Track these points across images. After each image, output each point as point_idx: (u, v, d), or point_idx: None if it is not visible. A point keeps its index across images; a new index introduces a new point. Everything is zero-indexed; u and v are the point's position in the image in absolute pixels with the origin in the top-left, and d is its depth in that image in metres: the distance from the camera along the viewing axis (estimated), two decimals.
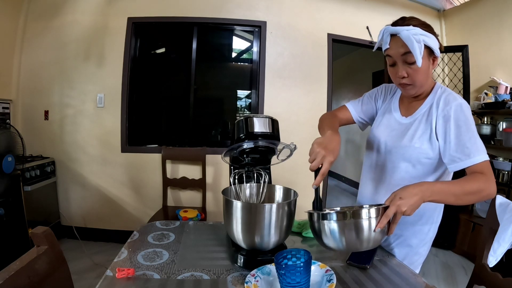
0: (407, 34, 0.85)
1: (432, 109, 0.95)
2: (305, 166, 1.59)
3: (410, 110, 1.02)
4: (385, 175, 1.03)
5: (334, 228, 0.73)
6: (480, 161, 0.85)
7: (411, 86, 0.94)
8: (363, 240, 0.72)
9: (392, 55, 0.92)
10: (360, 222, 0.71)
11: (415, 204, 0.75)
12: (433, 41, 0.88)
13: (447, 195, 0.80)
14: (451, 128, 0.89)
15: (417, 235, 1.01)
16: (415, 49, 0.84)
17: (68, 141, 2.77)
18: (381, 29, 0.92)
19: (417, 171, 0.96)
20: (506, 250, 0.90)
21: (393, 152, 1.00)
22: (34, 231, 0.75)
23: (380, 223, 0.72)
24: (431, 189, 0.78)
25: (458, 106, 0.90)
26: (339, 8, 3.00)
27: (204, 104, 3.01)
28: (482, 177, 0.83)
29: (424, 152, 0.94)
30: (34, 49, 2.76)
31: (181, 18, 2.79)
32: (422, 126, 0.95)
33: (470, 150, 0.86)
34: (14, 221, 2.11)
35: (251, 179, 1.07)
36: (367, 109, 1.15)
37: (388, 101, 1.11)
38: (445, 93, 0.95)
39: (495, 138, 2.68)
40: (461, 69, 2.93)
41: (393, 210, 0.73)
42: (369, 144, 1.12)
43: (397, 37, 0.88)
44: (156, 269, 0.83)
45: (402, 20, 0.90)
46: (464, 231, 2.75)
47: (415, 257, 1.03)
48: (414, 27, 0.86)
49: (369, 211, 0.72)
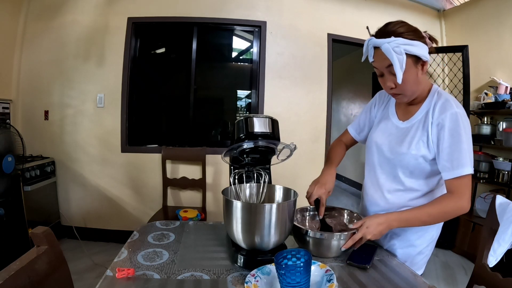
0: (387, 47, 0.84)
1: (428, 115, 0.95)
2: (305, 166, 1.64)
3: (407, 114, 1.02)
4: (386, 180, 1.05)
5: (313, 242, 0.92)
6: (462, 174, 0.87)
7: (402, 95, 0.95)
8: (332, 251, 0.92)
9: (377, 67, 0.93)
10: (331, 242, 0.91)
11: (379, 233, 0.89)
12: (419, 48, 0.86)
13: (414, 222, 0.91)
14: (445, 137, 0.90)
15: (420, 235, 1.02)
16: (395, 63, 0.84)
17: (68, 141, 2.77)
18: (366, 40, 0.92)
19: (416, 177, 0.98)
20: (506, 250, 0.90)
21: (392, 158, 1.01)
22: (34, 231, 0.75)
23: (346, 245, 0.89)
24: (398, 218, 0.89)
25: (453, 115, 0.89)
26: (339, 8, 3.00)
27: (204, 104, 3.01)
28: (451, 199, 0.89)
29: (422, 157, 0.94)
30: (34, 49, 2.76)
31: (181, 18, 2.79)
32: (419, 132, 0.95)
33: (457, 163, 0.88)
34: (14, 221, 2.11)
35: (251, 179, 1.07)
36: (365, 122, 1.18)
37: (385, 107, 1.11)
38: (441, 99, 0.93)
39: (495, 138, 2.68)
40: (461, 69, 2.93)
41: (359, 236, 0.88)
42: (368, 149, 1.12)
43: (380, 50, 0.87)
44: (156, 269, 0.83)
45: (385, 27, 0.89)
46: (464, 231, 2.75)
47: (419, 257, 1.04)
48: (397, 37, 0.85)
49: (340, 235, 0.90)
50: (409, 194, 1.00)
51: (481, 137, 2.78)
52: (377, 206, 1.07)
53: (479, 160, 2.84)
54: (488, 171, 2.78)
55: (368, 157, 1.12)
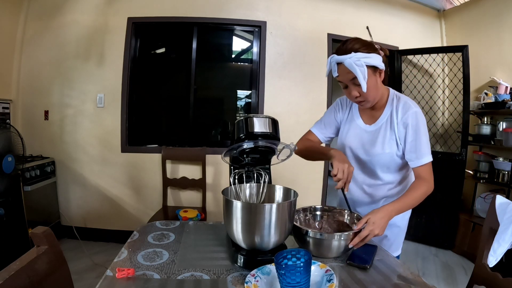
0: (349, 62, 0.97)
1: (392, 117, 1.10)
2: (305, 166, 1.64)
3: (372, 118, 1.15)
4: (365, 178, 1.18)
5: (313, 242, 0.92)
6: (426, 162, 1.05)
7: (365, 102, 1.07)
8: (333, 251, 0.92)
9: (342, 80, 1.05)
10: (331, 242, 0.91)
11: (384, 225, 0.95)
12: (375, 59, 1.00)
13: (404, 208, 1.01)
14: (409, 133, 1.06)
15: (402, 216, 1.15)
16: (359, 75, 0.97)
17: (68, 141, 2.77)
18: (328, 58, 1.05)
19: (392, 171, 1.14)
20: (506, 250, 0.90)
21: (369, 159, 1.14)
22: (34, 231, 0.75)
23: (353, 242, 0.91)
24: (393, 208, 0.98)
25: (414, 114, 1.05)
26: (339, 8, 3.00)
27: (204, 104, 3.01)
28: (423, 183, 1.04)
29: (395, 153, 1.10)
30: (34, 49, 2.76)
31: (181, 18, 2.79)
32: (388, 133, 1.10)
33: (421, 153, 1.05)
34: (14, 221, 2.11)
35: (251, 179, 1.07)
36: (330, 126, 1.28)
37: (349, 111, 1.23)
38: (401, 102, 1.09)
39: (495, 138, 2.68)
40: (461, 69, 2.93)
41: (366, 233, 0.91)
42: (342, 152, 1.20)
43: (343, 65, 1.00)
44: (156, 269, 0.83)
45: (343, 45, 1.01)
46: (464, 231, 2.75)
47: (401, 233, 1.22)
48: (355, 52, 0.98)
49: (340, 236, 0.90)
50: (387, 186, 1.16)
51: (481, 137, 2.78)
52: (360, 201, 1.21)
53: (479, 160, 2.84)
54: (488, 171, 2.78)
55: None
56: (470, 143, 2.89)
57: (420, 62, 3.24)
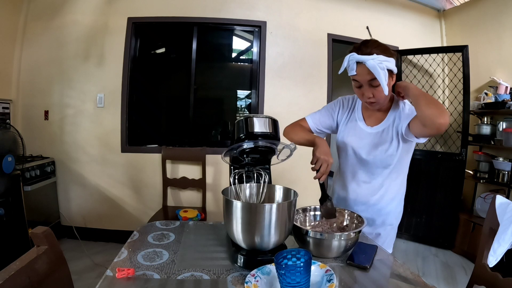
0: (373, 64, 0.97)
1: (396, 119, 1.11)
2: (305, 166, 1.60)
3: (375, 120, 1.17)
4: (366, 175, 1.19)
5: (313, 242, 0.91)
6: None
7: (376, 103, 1.09)
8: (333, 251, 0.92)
9: (359, 80, 1.05)
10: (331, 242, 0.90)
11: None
12: (393, 63, 1.01)
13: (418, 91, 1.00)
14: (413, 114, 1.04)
15: (391, 214, 1.20)
16: (381, 78, 0.97)
17: (68, 141, 2.77)
18: (347, 55, 1.03)
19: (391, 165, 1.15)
20: (506, 250, 0.90)
21: (370, 159, 1.15)
22: (34, 231, 0.75)
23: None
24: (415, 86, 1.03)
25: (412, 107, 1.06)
26: (339, 8, 3.00)
27: (204, 104, 3.01)
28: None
29: (395, 152, 1.11)
30: (34, 49, 2.76)
31: (181, 18, 2.79)
32: (391, 135, 1.11)
33: None
34: (14, 221, 2.11)
35: (251, 179, 1.07)
36: (325, 120, 1.28)
37: (350, 112, 1.24)
38: (406, 105, 1.11)
39: (495, 138, 2.68)
40: (461, 69, 2.93)
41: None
42: (342, 150, 1.25)
43: (363, 65, 0.99)
44: (156, 269, 0.83)
45: (365, 46, 1.01)
46: (464, 231, 2.75)
47: (392, 231, 1.24)
48: (377, 55, 0.97)
49: (340, 236, 0.90)
50: (386, 177, 1.17)
51: (481, 137, 2.78)
52: (359, 194, 1.21)
53: (479, 160, 2.84)
54: (488, 171, 2.78)
55: (345, 157, 1.24)
56: (470, 143, 2.89)
57: (420, 62, 3.24)
